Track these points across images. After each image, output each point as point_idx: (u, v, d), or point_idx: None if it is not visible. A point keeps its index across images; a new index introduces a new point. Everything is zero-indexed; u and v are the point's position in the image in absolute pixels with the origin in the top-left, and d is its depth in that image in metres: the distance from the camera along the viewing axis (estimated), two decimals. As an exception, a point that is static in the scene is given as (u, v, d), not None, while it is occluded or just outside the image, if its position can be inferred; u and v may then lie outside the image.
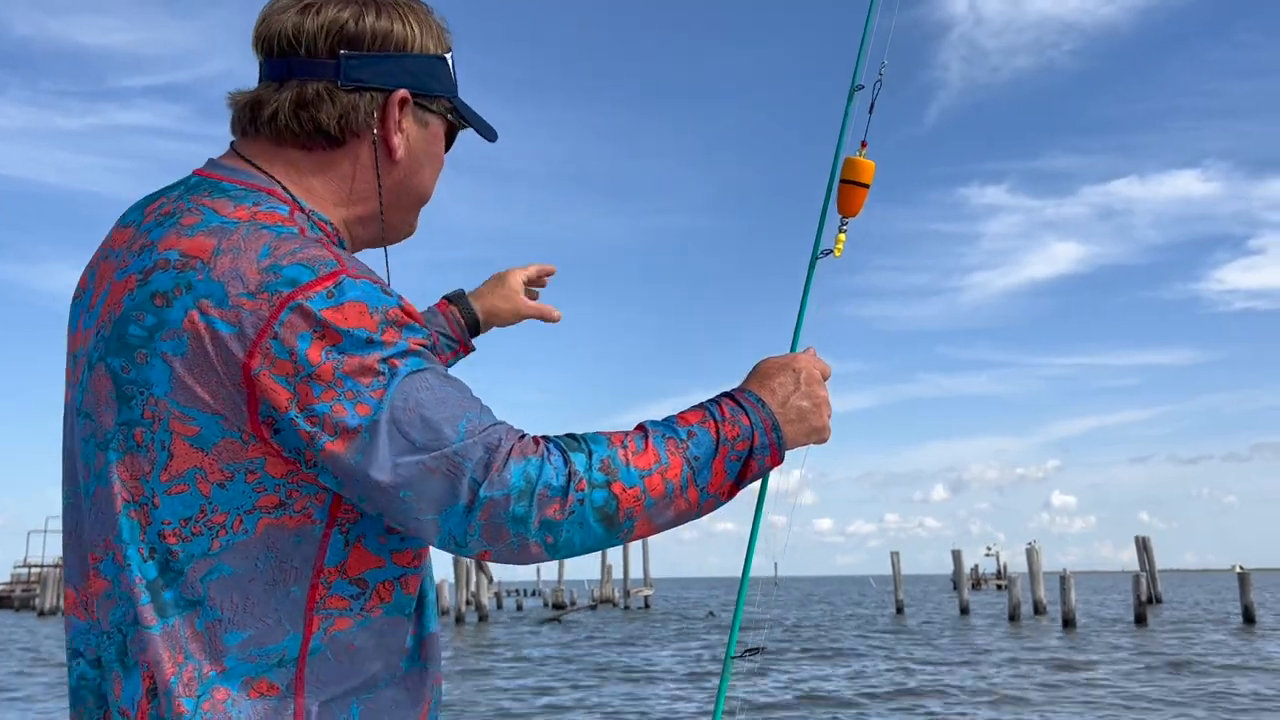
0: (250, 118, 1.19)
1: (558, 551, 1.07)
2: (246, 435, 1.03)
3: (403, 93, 1.21)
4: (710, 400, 1.19)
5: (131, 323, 1.05)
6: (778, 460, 1.19)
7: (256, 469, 1.05)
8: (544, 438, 1.09)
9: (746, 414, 1.17)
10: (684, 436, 1.13)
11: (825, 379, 1.26)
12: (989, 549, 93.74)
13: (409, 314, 1.08)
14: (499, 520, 1.03)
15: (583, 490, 1.06)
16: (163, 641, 1.04)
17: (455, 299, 1.75)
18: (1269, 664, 19.66)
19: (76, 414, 1.12)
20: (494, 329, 1.79)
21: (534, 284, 1.82)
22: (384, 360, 1.03)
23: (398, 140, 1.22)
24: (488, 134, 1.36)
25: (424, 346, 1.08)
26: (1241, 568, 35.59)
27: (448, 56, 1.27)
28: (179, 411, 1.04)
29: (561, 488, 1.05)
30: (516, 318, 1.78)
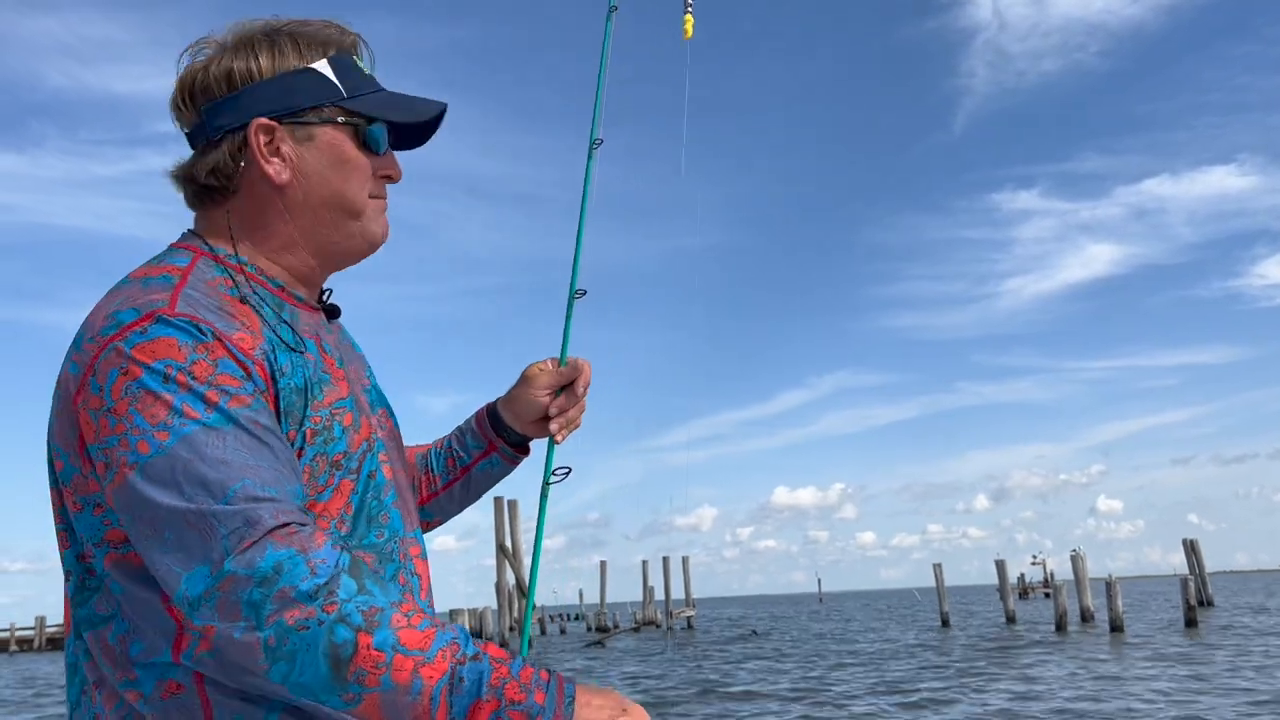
0: (183, 196, 1.29)
1: (276, 662, 0.98)
2: (86, 470, 1.10)
3: (259, 121, 1.22)
4: (523, 656, 1.09)
5: None
6: None
7: (101, 502, 1.10)
8: (343, 545, 1.04)
9: (546, 694, 1.02)
10: (470, 653, 1.02)
11: None
12: (1035, 557, 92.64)
13: (232, 360, 1.09)
14: (235, 599, 0.98)
15: (329, 614, 0.98)
16: (85, 651, 1.14)
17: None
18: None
19: None
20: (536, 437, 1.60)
21: (565, 380, 1.57)
22: (179, 402, 1.04)
23: (274, 167, 1.23)
24: (409, 114, 1.32)
25: (238, 399, 1.08)
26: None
27: (318, 64, 1.26)
28: (54, 449, 1.14)
29: (307, 595, 0.98)
30: (536, 405, 1.56)
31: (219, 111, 1.23)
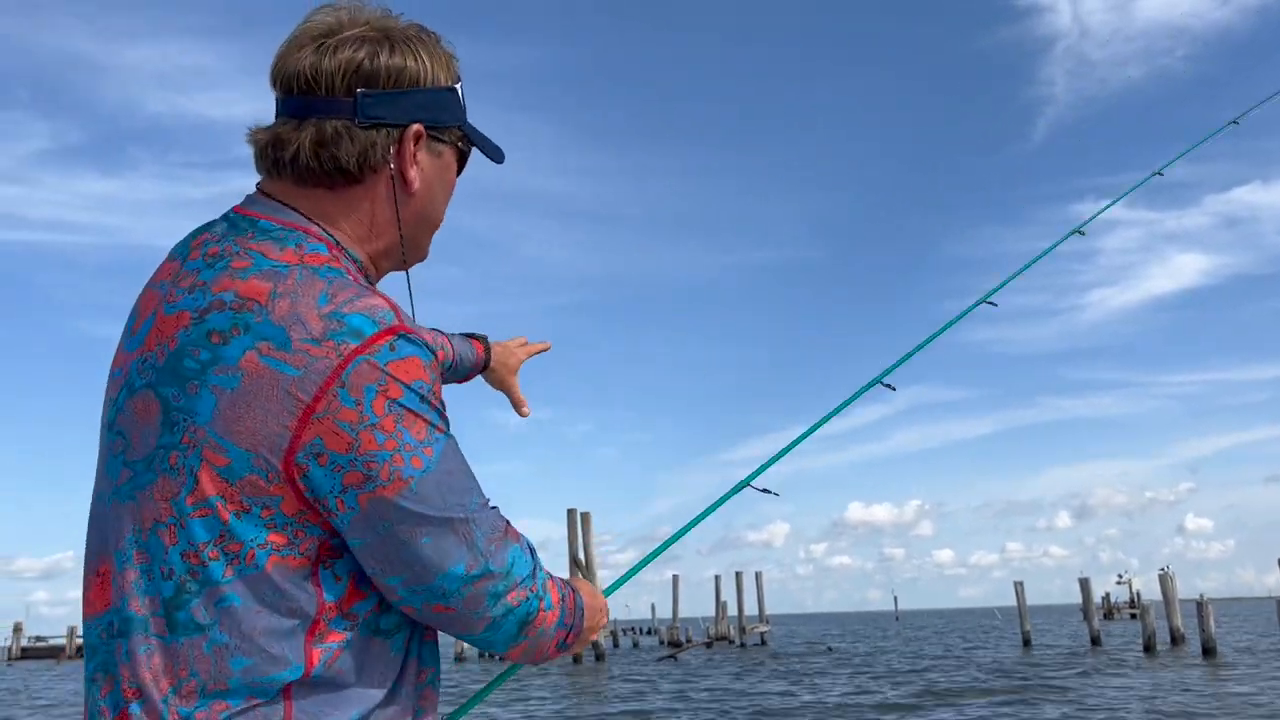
0: (274, 157, 1.22)
1: (489, 630, 1.19)
2: (272, 474, 1.07)
3: (417, 127, 1.24)
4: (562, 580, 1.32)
5: (187, 357, 1.10)
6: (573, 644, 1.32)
7: (273, 505, 1.08)
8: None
9: (575, 605, 1.29)
10: (567, 593, 1.28)
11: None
12: (1120, 576, 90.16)
13: (441, 377, 1.17)
14: (484, 591, 1.16)
15: (534, 593, 1.21)
16: (168, 655, 1.08)
17: (485, 342, 1.93)
18: None
19: (108, 429, 1.17)
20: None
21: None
22: (434, 418, 1.12)
23: (414, 173, 1.25)
24: (495, 156, 1.39)
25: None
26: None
27: (457, 86, 1.30)
28: (215, 441, 1.07)
29: (524, 580, 1.20)
30: (503, 384, 1.95)
31: (381, 103, 1.22)
